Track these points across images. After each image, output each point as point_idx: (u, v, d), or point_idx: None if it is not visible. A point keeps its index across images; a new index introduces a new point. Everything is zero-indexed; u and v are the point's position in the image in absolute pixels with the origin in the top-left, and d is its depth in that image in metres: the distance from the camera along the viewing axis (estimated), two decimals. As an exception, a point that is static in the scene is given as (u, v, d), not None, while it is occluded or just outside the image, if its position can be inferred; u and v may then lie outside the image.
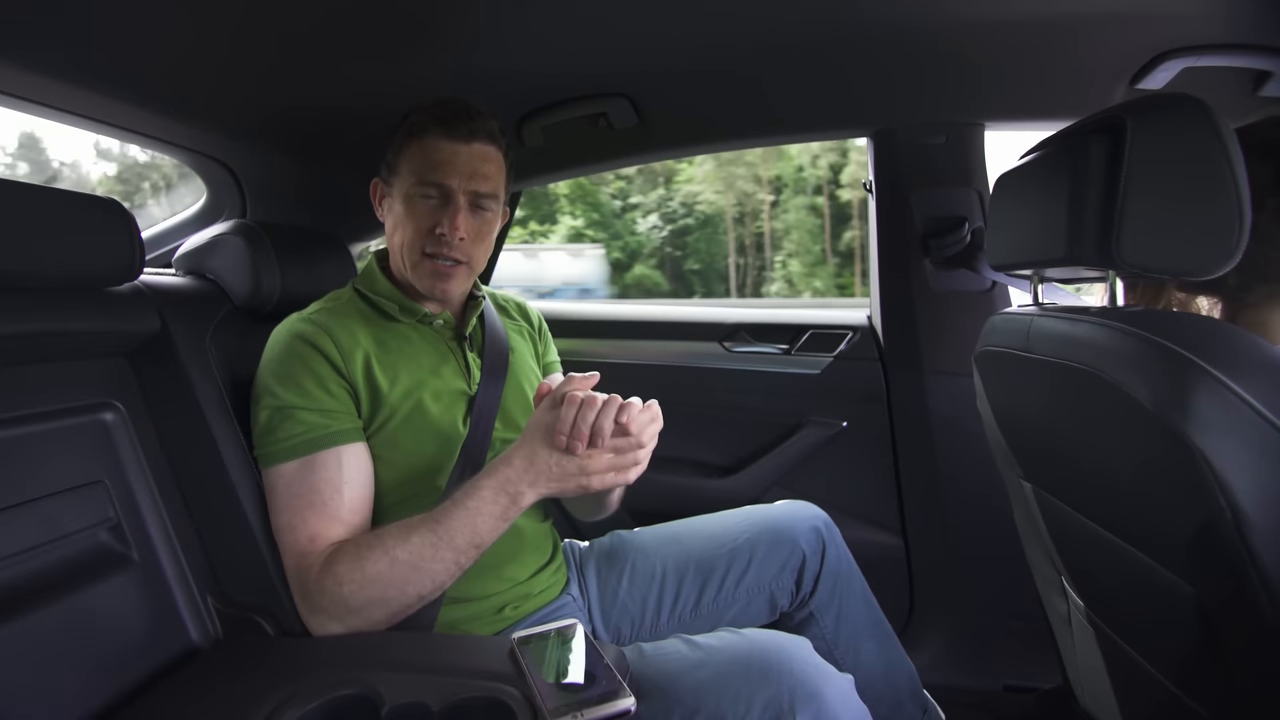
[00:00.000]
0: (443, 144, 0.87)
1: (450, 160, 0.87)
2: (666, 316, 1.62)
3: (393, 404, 0.85)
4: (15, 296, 0.69)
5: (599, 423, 0.71)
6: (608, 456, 0.73)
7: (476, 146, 0.88)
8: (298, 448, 0.80)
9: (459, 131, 0.87)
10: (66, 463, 0.76)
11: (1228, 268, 0.60)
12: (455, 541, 0.75)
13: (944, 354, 1.36)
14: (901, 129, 1.33)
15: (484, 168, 0.89)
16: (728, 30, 1.01)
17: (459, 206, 0.87)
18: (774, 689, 0.66)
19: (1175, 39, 1.01)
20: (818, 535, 1.00)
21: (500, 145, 0.91)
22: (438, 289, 0.90)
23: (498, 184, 0.91)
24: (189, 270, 1.04)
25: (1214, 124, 0.60)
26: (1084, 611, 0.83)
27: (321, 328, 0.85)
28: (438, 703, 0.62)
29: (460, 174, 0.87)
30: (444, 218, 0.87)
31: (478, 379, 0.92)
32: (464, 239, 0.88)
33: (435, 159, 0.87)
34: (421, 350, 0.91)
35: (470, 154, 0.87)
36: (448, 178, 0.87)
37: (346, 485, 0.81)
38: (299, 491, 0.80)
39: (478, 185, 0.88)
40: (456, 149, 0.87)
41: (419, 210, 0.88)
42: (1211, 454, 0.53)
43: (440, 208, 0.88)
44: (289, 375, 0.82)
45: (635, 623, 0.99)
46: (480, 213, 0.90)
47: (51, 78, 0.86)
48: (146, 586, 0.79)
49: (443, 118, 0.87)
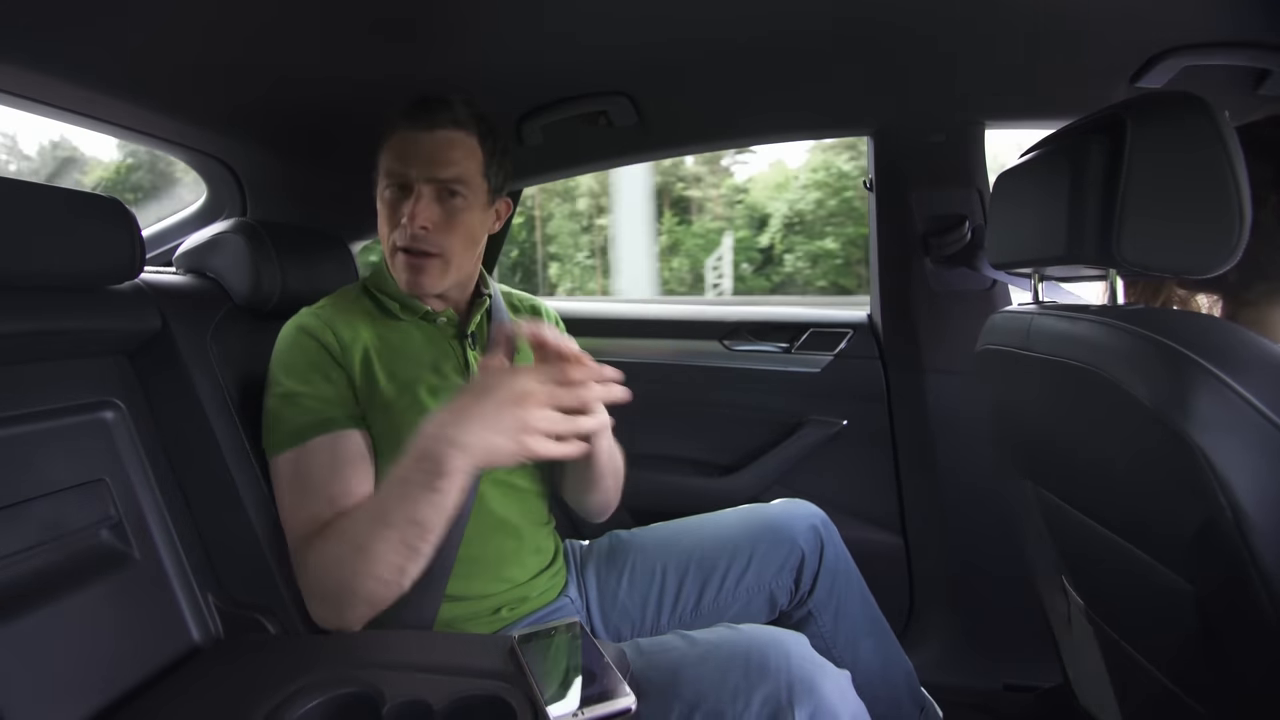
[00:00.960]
0: (406, 135, 0.86)
1: (411, 150, 0.86)
2: (667, 315, 1.62)
3: (389, 398, 0.86)
4: (16, 295, 0.69)
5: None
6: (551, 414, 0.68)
7: (440, 134, 0.86)
8: (295, 433, 0.81)
9: (420, 120, 0.86)
10: (67, 461, 0.76)
11: (1228, 266, 0.60)
12: (390, 517, 0.70)
13: (944, 352, 1.36)
14: (901, 128, 1.33)
15: (447, 154, 0.86)
16: (728, 28, 1.01)
17: (418, 194, 0.86)
18: (772, 684, 0.66)
19: (1175, 37, 1.01)
20: (816, 534, 1.01)
21: (472, 130, 0.88)
22: (411, 284, 0.89)
23: (465, 169, 0.88)
24: (189, 269, 1.04)
25: (1214, 122, 0.60)
26: (1084, 610, 0.83)
27: (325, 321, 0.87)
28: (438, 701, 0.62)
29: (419, 162, 0.86)
30: (406, 209, 0.86)
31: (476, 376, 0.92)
32: (426, 228, 0.86)
33: (399, 150, 0.87)
34: (422, 347, 0.91)
35: (432, 141, 0.86)
36: (407, 167, 0.86)
37: (341, 470, 0.81)
38: (296, 476, 0.81)
39: (437, 171, 0.86)
40: (417, 137, 0.86)
41: (386, 205, 0.89)
42: (1211, 452, 0.53)
43: (403, 199, 0.87)
44: (292, 365, 0.84)
45: (635, 624, 0.99)
46: (448, 200, 0.88)
47: (51, 76, 0.86)
48: (147, 585, 0.79)
49: (408, 110, 0.87)
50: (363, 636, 0.76)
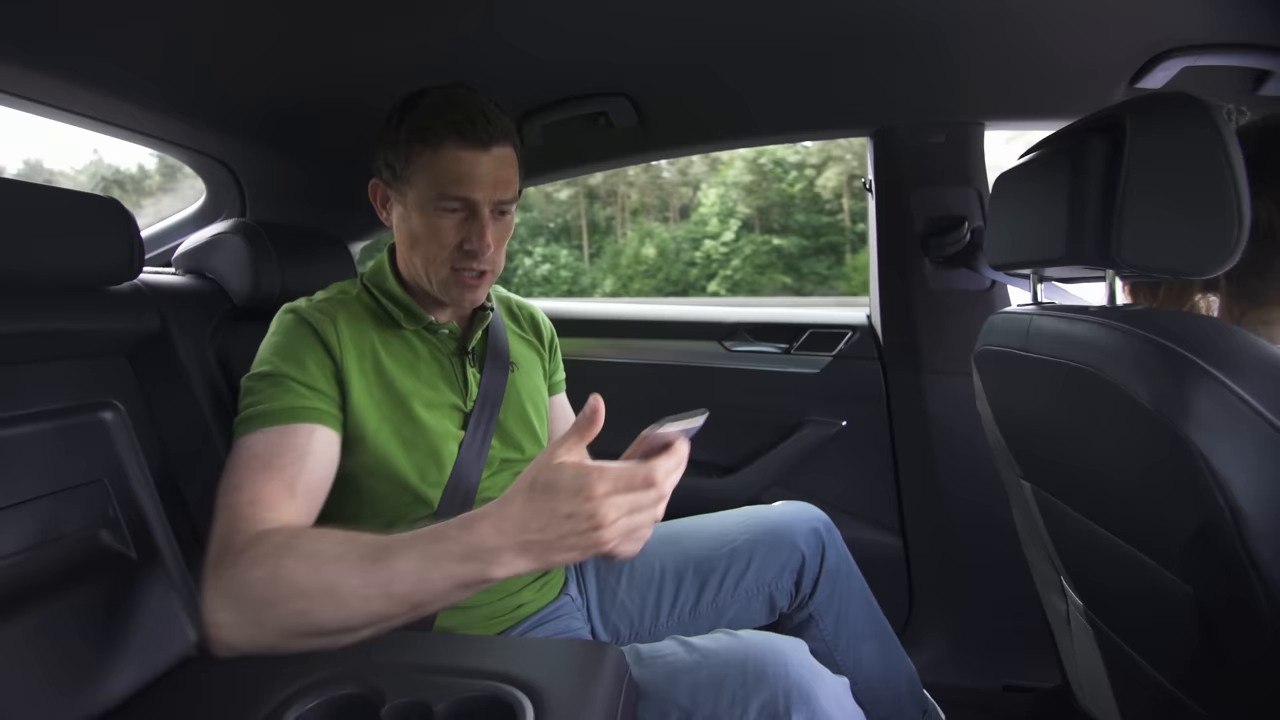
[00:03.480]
0: (463, 154, 0.80)
1: (472, 172, 0.80)
2: (666, 316, 1.62)
3: (379, 406, 0.82)
4: (15, 296, 0.69)
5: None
6: (625, 516, 0.57)
7: (496, 152, 0.81)
8: (275, 413, 0.75)
9: (477, 138, 0.80)
10: (66, 462, 0.76)
11: (1227, 267, 0.60)
12: (392, 588, 0.60)
13: (943, 353, 1.36)
14: (901, 128, 1.33)
15: (506, 174, 0.83)
16: (728, 29, 1.01)
17: (486, 221, 0.82)
18: (769, 692, 0.66)
19: (1175, 38, 1.01)
20: (817, 537, 1.00)
21: (515, 143, 0.85)
22: (466, 299, 0.86)
23: (517, 185, 0.86)
24: (188, 269, 1.04)
25: (1214, 123, 0.60)
26: (1083, 611, 0.83)
27: (327, 316, 0.82)
28: (438, 702, 0.62)
29: (484, 185, 0.81)
30: (472, 233, 0.82)
31: (474, 395, 0.90)
32: (491, 249, 0.84)
33: (456, 171, 0.80)
34: (420, 360, 0.88)
35: (492, 162, 0.81)
36: (472, 191, 0.81)
37: (310, 459, 0.74)
38: (260, 455, 0.73)
39: (501, 194, 0.83)
40: (478, 158, 0.80)
41: (443, 225, 0.82)
42: (1211, 454, 0.53)
43: (466, 221, 0.83)
44: (287, 349, 0.79)
45: (634, 623, 0.99)
46: (502, 219, 0.86)
47: (51, 77, 0.86)
48: (146, 586, 0.79)
49: (459, 124, 0.79)
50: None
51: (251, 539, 0.66)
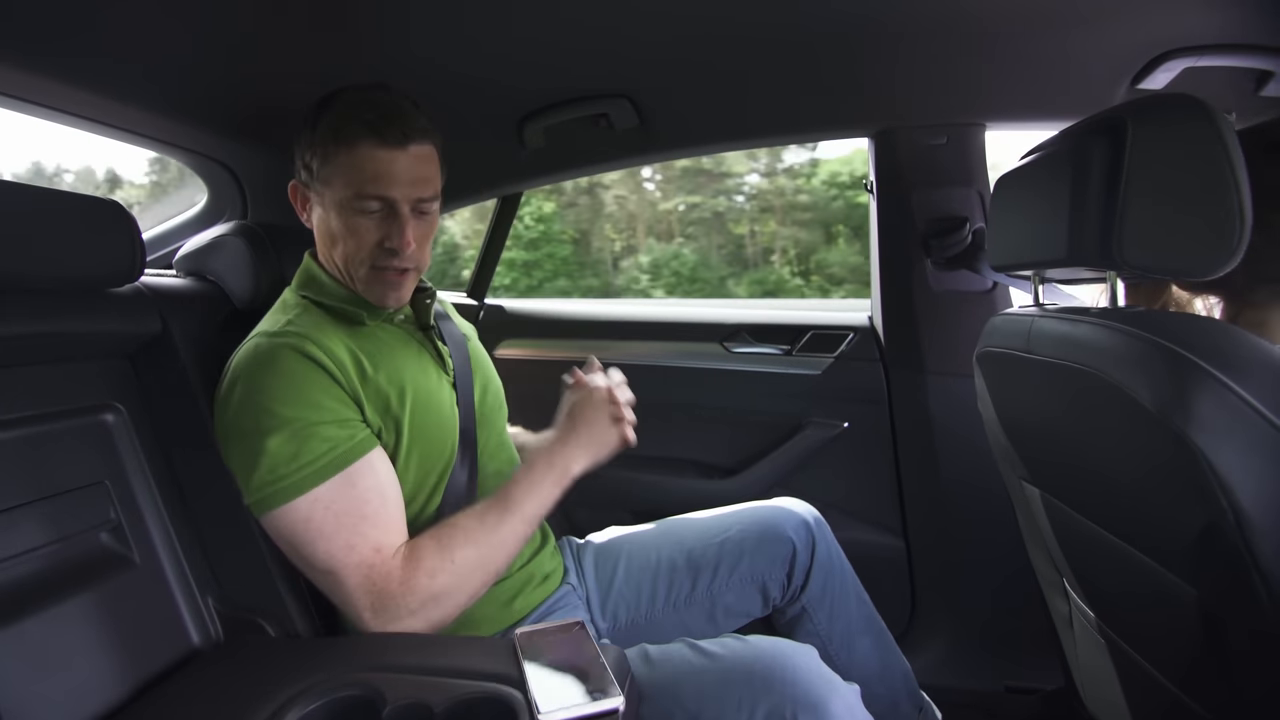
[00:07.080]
0: (379, 153, 0.79)
1: (389, 170, 0.80)
2: (667, 317, 1.62)
3: (398, 404, 0.83)
4: (16, 297, 0.69)
5: None
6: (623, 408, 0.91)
7: (414, 150, 0.81)
8: (330, 465, 0.75)
9: (394, 136, 0.79)
10: (68, 464, 0.76)
11: (1228, 268, 0.60)
12: (525, 511, 0.82)
13: (945, 355, 1.36)
14: (902, 129, 1.33)
15: (424, 171, 0.82)
16: (729, 30, 1.01)
17: (405, 218, 0.82)
18: (776, 698, 0.66)
19: (1176, 39, 1.01)
20: (807, 529, 1.03)
21: (434, 140, 0.84)
22: (390, 298, 0.86)
23: (438, 183, 0.85)
24: (190, 272, 1.04)
25: (1215, 124, 0.60)
26: (1086, 613, 0.83)
27: (305, 338, 0.78)
28: (439, 703, 0.62)
29: (402, 183, 0.80)
30: (392, 231, 0.82)
31: (452, 366, 0.92)
32: (412, 247, 0.83)
33: (372, 170, 0.79)
34: (398, 347, 0.88)
35: (409, 160, 0.80)
36: (389, 189, 0.80)
37: (388, 489, 0.79)
38: (345, 509, 0.75)
39: (420, 191, 0.82)
40: (394, 156, 0.80)
41: (361, 225, 0.82)
42: (1213, 455, 0.52)
43: (385, 219, 0.82)
44: (295, 392, 0.75)
45: (632, 609, 1.02)
46: (424, 216, 0.85)
47: (52, 79, 0.86)
48: (147, 588, 0.79)
49: (373, 123, 0.79)
50: (363, 639, 0.76)
51: (407, 568, 0.76)
